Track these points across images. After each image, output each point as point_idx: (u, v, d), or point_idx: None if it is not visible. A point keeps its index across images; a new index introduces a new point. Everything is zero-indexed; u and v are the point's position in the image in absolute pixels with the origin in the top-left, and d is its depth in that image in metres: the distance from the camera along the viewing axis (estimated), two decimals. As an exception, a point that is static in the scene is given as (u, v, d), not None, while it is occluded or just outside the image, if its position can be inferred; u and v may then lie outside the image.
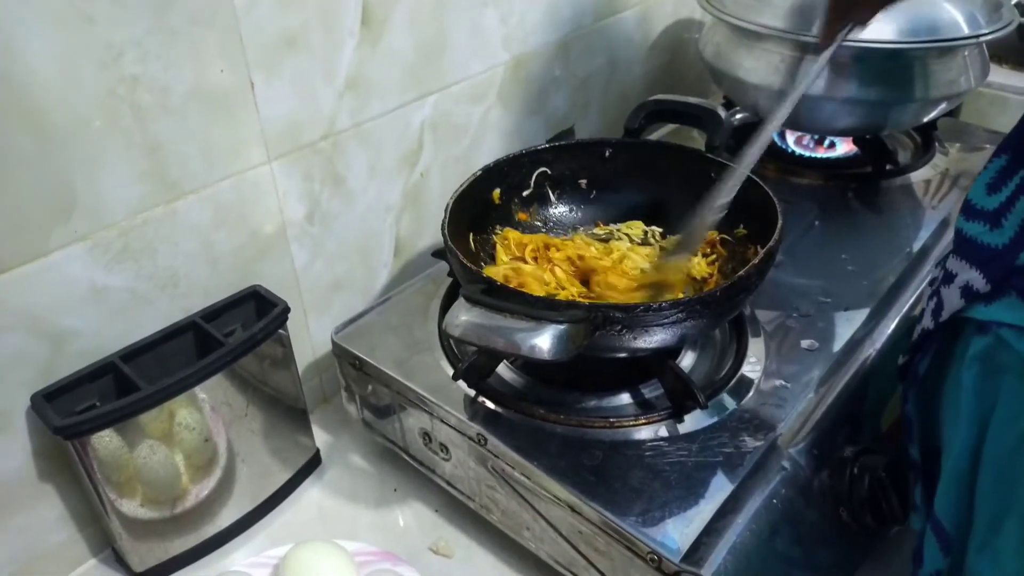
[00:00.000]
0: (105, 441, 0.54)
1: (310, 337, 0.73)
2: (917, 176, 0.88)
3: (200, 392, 0.58)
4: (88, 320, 0.55)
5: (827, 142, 0.93)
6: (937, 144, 0.93)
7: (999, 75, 1.10)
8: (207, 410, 0.59)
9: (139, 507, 0.58)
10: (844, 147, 0.93)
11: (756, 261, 0.53)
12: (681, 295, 0.60)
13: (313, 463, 0.70)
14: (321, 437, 0.72)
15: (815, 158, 0.92)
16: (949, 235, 0.77)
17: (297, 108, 0.63)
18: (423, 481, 0.66)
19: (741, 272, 0.52)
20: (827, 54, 0.69)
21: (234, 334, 0.62)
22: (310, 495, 0.68)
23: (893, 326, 0.65)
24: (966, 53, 0.80)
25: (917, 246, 0.76)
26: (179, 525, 0.61)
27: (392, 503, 0.67)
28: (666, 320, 0.51)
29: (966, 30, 0.79)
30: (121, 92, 0.52)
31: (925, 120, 0.85)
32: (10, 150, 0.48)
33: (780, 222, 0.57)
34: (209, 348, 0.58)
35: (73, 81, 0.49)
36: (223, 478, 0.62)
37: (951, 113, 1.01)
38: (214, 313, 0.61)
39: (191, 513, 0.61)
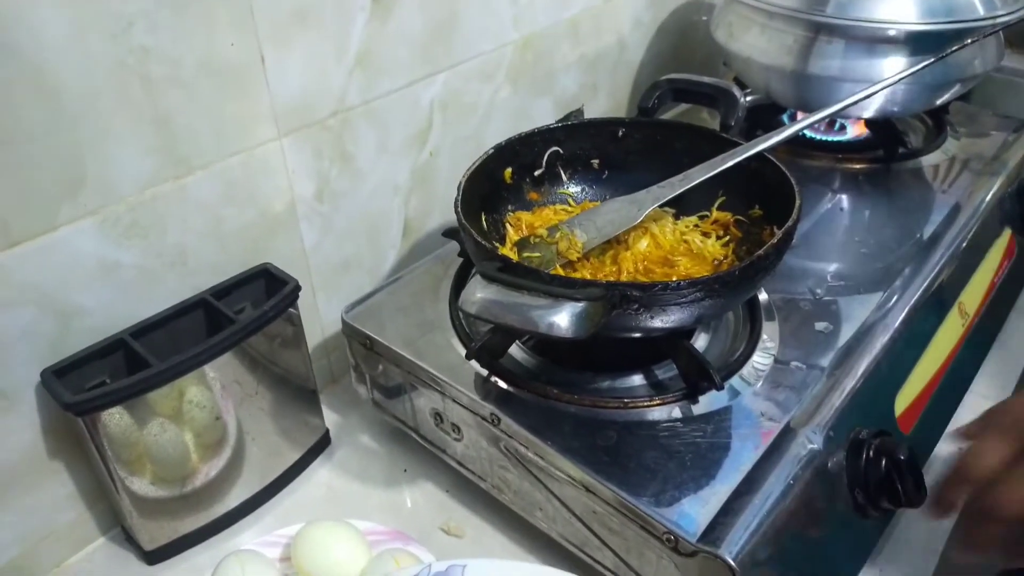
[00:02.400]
0: (116, 418, 0.54)
1: (319, 317, 0.72)
2: (928, 160, 0.87)
3: (210, 370, 0.57)
4: (97, 296, 0.55)
5: (837, 125, 0.92)
6: (949, 128, 0.92)
7: (1010, 60, 1.08)
8: (217, 388, 0.58)
9: (149, 485, 0.58)
10: (855, 130, 0.92)
11: (775, 241, 0.52)
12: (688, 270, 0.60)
13: (323, 443, 0.69)
14: (330, 417, 0.71)
15: (826, 141, 0.91)
16: (961, 221, 0.77)
17: (307, 84, 0.62)
18: (434, 461, 0.66)
19: (759, 252, 0.52)
20: None
21: (244, 312, 0.61)
22: (320, 475, 0.68)
23: (907, 310, 0.65)
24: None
25: (929, 231, 0.75)
26: (189, 504, 0.61)
27: (402, 483, 0.66)
28: (683, 299, 0.50)
29: (982, 12, 0.78)
30: (131, 63, 0.51)
31: (938, 103, 0.85)
32: (19, 122, 0.47)
33: (798, 201, 0.56)
34: (219, 326, 0.58)
35: (82, 52, 0.48)
36: (233, 457, 0.62)
37: (962, 97, 1.01)
38: (224, 291, 0.61)
39: (201, 492, 0.61)
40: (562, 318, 0.46)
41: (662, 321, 0.51)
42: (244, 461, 0.63)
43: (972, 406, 0.74)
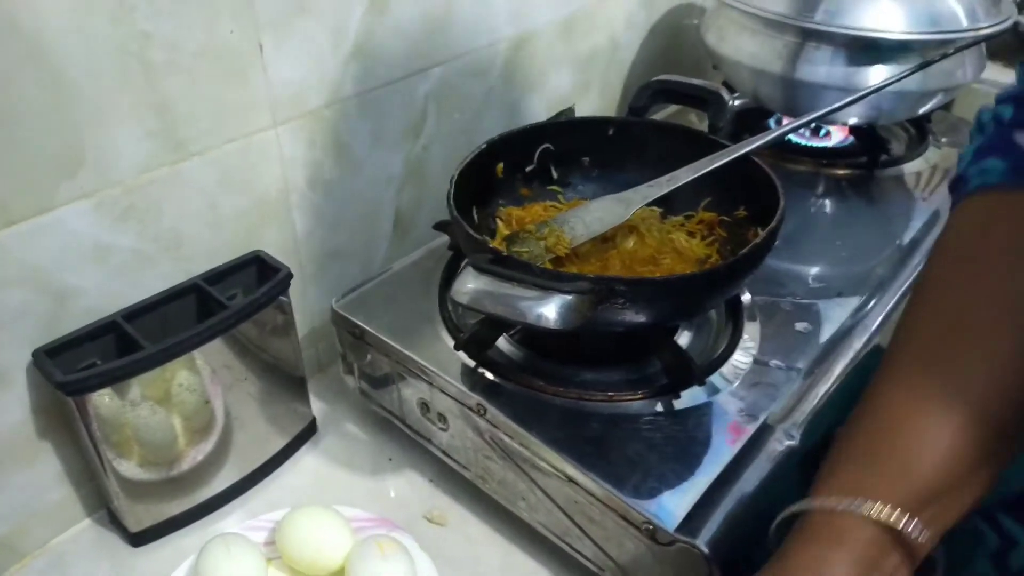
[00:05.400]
0: (105, 400, 0.54)
1: (309, 305, 0.73)
2: (910, 168, 0.90)
3: (200, 355, 0.58)
4: (92, 278, 0.55)
5: (823, 131, 0.94)
6: (931, 137, 0.95)
7: (992, 71, 1.11)
8: (207, 373, 0.59)
9: (137, 468, 0.58)
10: (839, 136, 0.94)
11: (758, 240, 0.54)
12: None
13: (310, 430, 0.70)
14: (318, 406, 0.72)
15: (811, 147, 0.93)
16: (940, 227, 0.78)
17: (304, 73, 0.62)
18: (419, 451, 0.67)
19: (744, 251, 0.53)
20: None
21: (235, 298, 0.62)
22: (306, 462, 0.69)
23: (885, 312, 0.67)
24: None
25: (908, 236, 0.77)
26: (176, 487, 0.61)
27: (387, 472, 0.67)
28: (670, 294, 0.51)
29: (965, 23, 0.80)
30: (133, 48, 0.51)
31: (920, 112, 0.87)
32: (21, 101, 0.47)
33: (782, 203, 0.57)
34: (211, 311, 0.58)
35: (85, 34, 0.49)
36: (220, 442, 0.62)
37: (946, 107, 1.03)
38: (216, 276, 0.61)
39: (188, 475, 0.61)
40: (550, 310, 0.47)
41: (647, 316, 0.52)
42: (231, 446, 0.63)
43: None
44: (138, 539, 0.61)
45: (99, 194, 0.53)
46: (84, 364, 0.55)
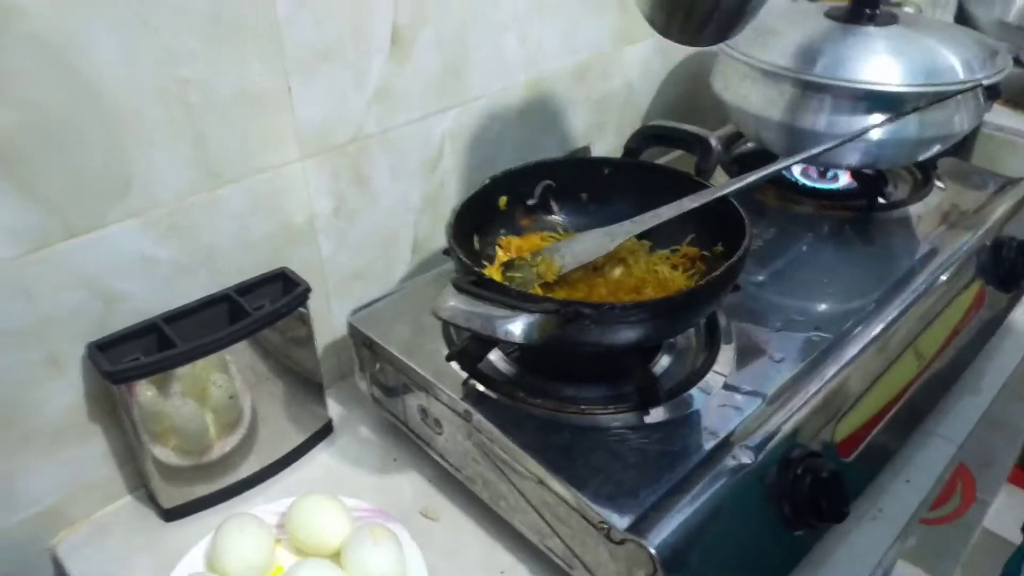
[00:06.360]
0: (146, 392, 0.63)
1: (332, 320, 0.81)
2: (910, 211, 0.93)
3: (229, 356, 0.66)
4: (137, 285, 0.64)
5: (830, 174, 0.98)
6: (936, 181, 0.98)
7: (1012, 120, 1.14)
8: (235, 372, 0.67)
9: (171, 453, 0.67)
10: (846, 179, 0.98)
11: (717, 273, 0.59)
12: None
13: (325, 431, 0.78)
14: (335, 409, 0.80)
15: (816, 188, 0.97)
16: (930, 269, 0.82)
17: (329, 113, 0.71)
18: (420, 453, 0.74)
19: (701, 281, 0.59)
20: None
21: (262, 308, 0.70)
22: (320, 458, 0.76)
23: (858, 348, 0.71)
24: (959, 97, 0.85)
25: (897, 276, 0.80)
26: (204, 472, 0.69)
27: (391, 470, 0.74)
28: (631, 318, 0.57)
29: (961, 75, 0.84)
30: (175, 91, 0.60)
31: (921, 158, 0.90)
32: (80, 133, 0.57)
33: (746, 242, 0.63)
34: (240, 318, 0.67)
35: (135, 78, 0.58)
36: (245, 435, 0.70)
37: (962, 154, 1.06)
38: (246, 288, 0.70)
39: (216, 463, 0.70)
40: (516, 326, 0.53)
41: (612, 337, 0.58)
42: (254, 439, 0.71)
43: (931, 446, 0.80)
44: (170, 515, 0.69)
45: (145, 214, 0.63)
46: (129, 358, 0.64)
